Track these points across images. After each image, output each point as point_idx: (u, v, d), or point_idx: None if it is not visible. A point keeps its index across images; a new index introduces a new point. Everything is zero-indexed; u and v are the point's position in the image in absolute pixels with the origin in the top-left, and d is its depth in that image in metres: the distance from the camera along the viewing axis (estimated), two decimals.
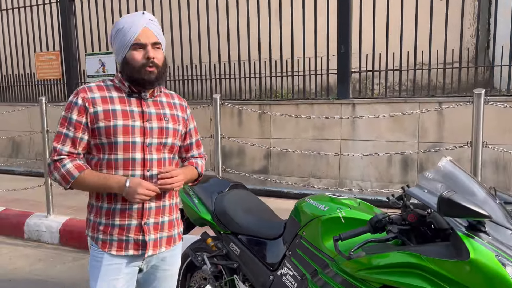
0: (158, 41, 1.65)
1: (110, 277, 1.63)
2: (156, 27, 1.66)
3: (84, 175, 1.59)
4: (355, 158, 4.94)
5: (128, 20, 1.63)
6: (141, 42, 1.61)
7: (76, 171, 1.59)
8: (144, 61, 1.62)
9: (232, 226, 2.28)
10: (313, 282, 1.83)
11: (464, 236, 1.45)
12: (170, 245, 1.74)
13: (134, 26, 1.60)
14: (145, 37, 1.61)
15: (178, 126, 1.76)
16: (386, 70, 4.93)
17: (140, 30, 1.60)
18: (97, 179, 1.60)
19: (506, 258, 1.40)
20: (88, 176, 1.60)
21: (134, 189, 1.55)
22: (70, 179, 1.58)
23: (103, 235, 1.64)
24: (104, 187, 1.59)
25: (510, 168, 4.35)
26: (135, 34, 1.60)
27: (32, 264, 3.80)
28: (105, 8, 6.47)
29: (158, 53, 1.64)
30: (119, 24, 1.64)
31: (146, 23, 1.62)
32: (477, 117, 2.69)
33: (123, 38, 1.61)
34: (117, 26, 1.65)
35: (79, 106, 1.61)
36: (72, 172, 1.59)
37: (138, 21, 1.62)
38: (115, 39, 1.64)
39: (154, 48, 1.63)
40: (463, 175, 1.66)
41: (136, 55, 1.62)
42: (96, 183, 1.60)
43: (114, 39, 1.65)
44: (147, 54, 1.62)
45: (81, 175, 1.59)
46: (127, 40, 1.60)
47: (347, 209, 1.88)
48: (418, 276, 1.51)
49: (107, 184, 1.58)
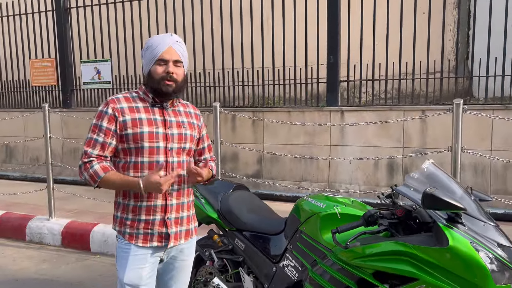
0: (180, 59, 1.87)
1: (136, 266, 1.84)
2: (181, 48, 1.88)
3: (109, 175, 1.80)
4: (344, 163, 5.21)
5: (157, 39, 1.86)
6: (164, 58, 1.83)
7: (102, 171, 1.80)
8: (164, 74, 1.84)
9: (237, 223, 2.50)
10: (313, 271, 2.07)
11: (444, 227, 1.70)
12: (188, 237, 1.96)
13: (161, 44, 1.83)
14: (169, 54, 1.83)
15: (194, 132, 1.98)
16: (373, 79, 5.23)
17: (165, 48, 1.82)
18: (119, 180, 1.81)
19: (479, 244, 1.66)
20: (112, 176, 1.81)
21: (153, 185, 1.74)
22: (97, 178, 1.79)
23: (130, 229, 1.85)
24: (125, 186, 1.82)
25: (488, 171, 4.67)
26: (160, 52, 1.82)
27: (37, 264, 3.95)
28: (100, 17, 6.65)
29: (178, 69, 1.87)
30: (149, 42, 1.87)
31: (172, 43, 1.84)
32: (456, 125, 2.96)
33: (150, 54, 1.83)
34: (147, 44, 1.87)
35: (109, 115, 1.82)
36: (99, 173, 1.80)
37: (165, 40, 1.84)
38: (144, 55, 1.86)
39: (176, 65, 1.86)
40: (443, 176, 1.93)
41: (158, 69, 1.84)
42: (118, 183, 1.82)
43: (144, 54, 1.87)
44: (167, 69, 1.84)
45: (106, 175, 1.80)
46: (153, 56, 1.83)
47: (343, 206, 2.12)
48: (405, 262, 1.76)
49: (127, 183, 1.81)
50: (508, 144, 4.56)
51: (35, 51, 7.33)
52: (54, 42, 7.06)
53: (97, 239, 4.22)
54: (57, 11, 6.89)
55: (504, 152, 4.55)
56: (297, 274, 2.18)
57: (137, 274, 1.84)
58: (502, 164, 4.57)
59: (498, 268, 1.63)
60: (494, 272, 1.62)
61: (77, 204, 5.16)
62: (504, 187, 4.59)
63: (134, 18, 6.47)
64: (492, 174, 4.64)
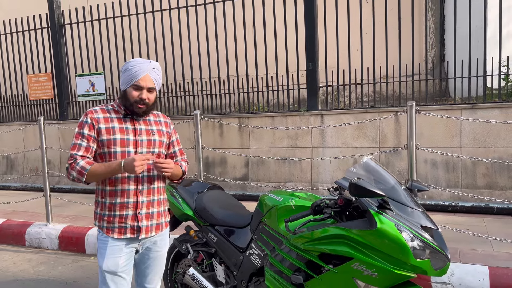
0: (154, 87, 2.15)
1: (114, 255, 2.12)
2: (156, 75, 2.16)
3: (93, 167, 2.07)
4: (325, 164, 5.50)
5: (136, 65, 2.12)
6: (139, 85, 2.11)
7: (87, 165, 2.07)
8: (138, 99, 2.13)
9: (209, 219, 2.79)
10: (272, 257, 2.35)
11: (374, 212, 1.98)
12: (159, 230, 2.24)
13: (139, 70, 2.10)
14: (144, 82, 2.11)
15: (163, 138, 2.27)
16: (350, 84, 5.53)
17: (142, 75, 2.10)
18: (103, 167, 2.07)
19: (402, 226, 1.94)
20: (96, 167, 2.07)
21: (130, 164, 1.99)
22: (84, 172, 2.06)
23: (107, 224, 2.14)
24: (110, 172, 2.06)
25: (458, 168, 4.94)
26: (137, 78, 2.10)
27: (35, 266, 4.23)
28: (93, 32, 6.98)
29: (151, 95, 2.15)
30: (129, 64, 2.14)
31: (148, 71, 2.12)
32: (410, 124, 3.24)
33: (128, 76, 2.12)
34: (127, 65, 2.14)
35: (89, 123, 2.12)
36: (85, 167, 2.07)
37: (143, 67, 2.11)
38: (123, 74, 2.15)
39: (149, 91, 2.14)
40: (379, 169, 2.21)
41: (133, 93, 2.12)
42: (103, 171, 2.06)
43: (123, 73, 2.15)
44: (141, 95, 2.12)
45: (92, 168, 2.07)
46: (130, 79, 2.11)
47: (297, 199, 2.41)
48: (345, 244, 2.04)
49: (111, 168, 2.05)
50: (476, 141, 4.84)
51: (32, 66, 7.67)
52: (50, 57, 7.39)
53: (92, 241, 4.51)
54: (52, 28, 7.23)
55: (472, 149, 4.84)
56: (260, 260, 2.46)
57: (114, 262, 2.12)
58: (471, 161, 4.85)
59: (418, 246, 1.91)
60: (415, 249, 1.90)
61: (73, 210, 5.45)
62: (473, 181, 4.86)
63: (125, 33, 6.80)
64: (462, 170, 4.92)
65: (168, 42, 6.59)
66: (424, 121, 4.99)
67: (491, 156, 4.74)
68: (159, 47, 6.63)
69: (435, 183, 4.98)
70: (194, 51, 6.38)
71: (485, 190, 4.79)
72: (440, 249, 1.92)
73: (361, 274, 1.95)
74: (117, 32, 6.85)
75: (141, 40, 6.69)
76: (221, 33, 6.14)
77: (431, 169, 5.06)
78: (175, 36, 6.47)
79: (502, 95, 5.05)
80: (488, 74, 4.85)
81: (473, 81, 5.13)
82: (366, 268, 1.94)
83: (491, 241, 3.73)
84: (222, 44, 6.15)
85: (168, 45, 6.59)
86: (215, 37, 6.15)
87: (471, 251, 3.53)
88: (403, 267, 1.89)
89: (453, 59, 5.10)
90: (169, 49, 6.56)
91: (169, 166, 2.11)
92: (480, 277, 3.09)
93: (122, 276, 2.15)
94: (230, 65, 6.17)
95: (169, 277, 3.11)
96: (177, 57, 6.52)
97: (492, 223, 4.32)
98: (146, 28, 6.57)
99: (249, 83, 6.14)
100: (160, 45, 6.64)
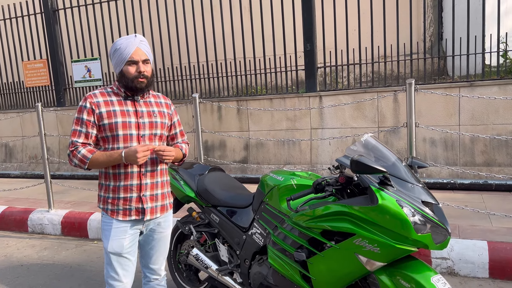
0: (148, 58, 2.15)
1: (118, 237, 2.15)
2: (146, 46, 2.16)
3: (95, 156, 2.09)
4: (324, 145, 5.52)
5: (124, 42, 2.12)
6: (134, 60, 2.11)
7: (89, 153, 2.09)
8: (136, 74, 2.12)
9: (211, 200, 2.81)
10: (274, 235, 2.38)
11: (375, 189, 2.00)
12: (163, 211, 2.26)
13: (128, 46, 2.10)
14: (137, 55, 2.11)
15: (165, 120, 2.27)
16: (348, 64, 5.50)
17: (133, 50, 2.10)
18: (105, 156, 2.08)
19: (403, 201, 1.96)
20: (98, 156, 2.09)
21: (132, 155, 2.01)
22: (86, 160, 2.08)
23: (111, 206, 2.16)
24: (111, 161, 2.08)
25: (457, 145, 4.97)
26: (129, 53, 2.10)
27: (39, 252, 4.27)
28: (87, 17, 6.90)
29: (147, 67, 2.15)
30: (116, 44, 2.13)
31: (138, 44, 2.12)
32: (410, 102, 3.24)
33: (120, 56, 2.11)
34: (114, 46, 2.14)
35: (88, 108, 2.11)
36: (86, 155, 2.08)
37: (131, 42, 2.11)
38: (113, 56, 2.14)
39: (144, 63, 2.14)
40: (380, 146, 2.22)
41: (130, 69, 2.11)
42: (105, 160, 2.08)
43: (113, 56, 2.14)
44: (139, 69, 2.12)
45: (93, 156, 2.08)
46: (123, 58, 2.10)
47: (298, 178, 2.43)
48: (347, 221, 2.06)
49: (112, 158, 2.07)
50: (475, 119, 4.86)
51: (27, 53, 7.60)
52: (44, 43, 7.32)
53: (94, 226, 4.55)
54: (46, 13, 7.14)
55: (471, 126, 4.86)
56: (262, 239, 2.49)
57: (119, 244, 2.15)
58: (470, 138, 4.88)
59: (419, 220, 1.94)
60: (416, 224, 1.92)
61: (74, 196, 5.48)
62: (472, 159, 4.90)
63: (119, 16, 6.72)
64: (460, 148, 4.94)
65: (163, 25, 6.52)
66: (422, 100, 5.00)
67: (489, 133, 4.76)
68: (155, 30, 6.57)
69: (434, 161, 5.01)
70: (190, 33, 6.33)
71: (484, 167, 4.83)
72: (441, 223, 1.95)
73: (363, 250, 1.98)
74: (111, 16, 6.77)
75: (136, 23, 6.63)
76: (217, 14, 6.08)
77: (430, 148, 5.08)
78: (171, 18, 6.40)
79: (500, 72, 5.05)
80: (487, 51, 4.83)
81: (472, 59, 5.12)
82: (368, 244, 1.96)
83: (490, 217, 3.78)
84: (219, 26, 6.09)
85: (163, 29, 6.53)
86: (211, 19, 6.09)
87: (470, 226, 3.58)
88: (405, 242, 1.91)
89: (451, 37, 5.08)
90: (165, 32, 6.50)
91: (170, 154, 2.13)
92: (480, 252, 3.14)
93: (127, 257, 2.18)
94: (227, 48, 6.13)
95: (172, 259, 3.15)
96: (173, 41, 6.47)
97: (490, 199, 4.37)
98: (141, 11, 6.50)
99: (246, 66, 6.10)
100: (155, 29, 6.58)
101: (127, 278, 2.21)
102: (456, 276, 3.18)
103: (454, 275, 3.19)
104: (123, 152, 2.05)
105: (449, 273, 3.21)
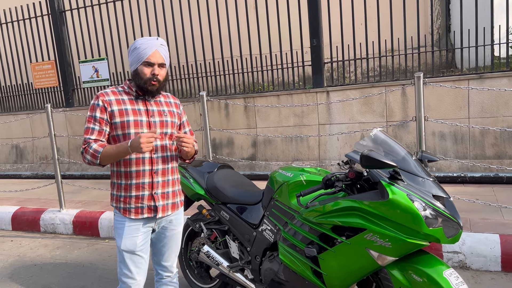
0: (164, 62, 2.16)
1: (131, 235, 2.17)
2: (165, 51, 2.17)
3: (105, 149, 2.10)
4: (333, 140, 5.51)
5: (144, 42, 2.13)
6: (150, 62, 2.12)
7: (100, 148, 2.10)
8: (150, 76, 2.13)
9: (221, 197, 2.83)
10: (285, 231, 2.38)
11: (386, 184, 2.00)
12: (175, 209, 2.28)
13: (148, 47, 2.11)
14: (155, 58, 2.12)
15: (174, 119, 2.29)
16: (355, 59, 5.47)
17: (151, 52, 2.11)
18: (114, 148, 2.09)
19: (414, 196, 1.95)
20: (108, 149, 2.10)
21: (136, 143, 1.99)
22: (97, 155, 2.09)
23: (123, 204, 2.18)
24: (120, 152, 2.06)
25: (466, 139, 4.93)
26: (147, 54, 2.11)
27: (51, 251, 4.32)
28: (94, 17, 6.94)
29: (162, 71, 2.16)
30: (137, 43, 2.14)
31: (157, 47, 2.13)
32: (418, 96, 3.22)
33: (138, 55, 2.12)
34: (134, 44, 2.15)
35: (101, 106, 2.13)
36: (97, 149, 2.10)
37: (152, 44, 2.12)
38: (132, 54, 2.15)
39: (160, 67, 2.15)
40: (389, 141, 2.21)
41: (145, 70, 2.13)
42: (114, 152, 2.08)
43: (131, 53, 2.16)
44: (153, 71, 2.13)
45: (104, 150, 2.10)
46: (140, 57, 2.12)
47: (307, 174, 2.43)
48: (357, 216, 2.06)
49: (120, 149, 2.06)
50: (484, 111, 4.81)
51: (35, 55, 7.66)
52: (52, 44, 7.38)
53: (105, 225, 4.59)
54: (53, 14, 7.19)
55: (480, 119, 4.82)
56: (273, 235, 2.50)
57: (132, 242, 2.17)
58: (479, 131, 4.84)
59: (431, 214, 1.93)
60: (427, 218, 1.92)
61: (85, 196, 5.53)
62: (482, 152, 4.86)
63: (126, 17, 6.75)
64: (470, 141, 4.90)
65: (170, 25, 6.54)
66: (431, 93, 4.96)
67: (499, 125, 4.71)
68: (161, 29, 6.58)
69: (443, 155, 4.98)
70: (197, 32, 6.34)
71: (494, 160, 4.79)
72: (452, 217, 1.94)
73: (374, 244, 1.98)
74: (118, 16, 6.80)
75: (143, 23, 6.65)
76: (223, 12, 6.08)
77: (439, 141, 5.05)
78: (177, 18, 6.41)
79: (510, 63, 4.99)
80: (496, 43, 4.78)
81: (480, 51, 5.07)
82: (379, 238, 1.96)
83: (501, 210, 3.75)
84: (225, 23, 6.09)
85: (170, 28, 6.54)
86: (217, 17, 6.09)
87: (482, 220, 3.56)
88: (416, 236, 1.91)
89: (460, 29, 5.03)
90: (171, 31, 6.52)
91: (189, 140, 2.13)
92: (491, 245, 3.12)
93: (140, 255, 2.20)
94: (233, 45, 6.13)
95: (183, 256, 3.17)
96: (180, 40, 6.48)
97: (502, 192, 4.34)
98: (147, 11, 6.52)
99: (253, 63, 6.09)
100: (162, 28, 6.60)
101: (140, 276, 2.23)
102: (468, 270, 3.17)
103: (466, 269, 3.18)
104: (129, 141, 2.04)
105: (461, 267, 3.19)
